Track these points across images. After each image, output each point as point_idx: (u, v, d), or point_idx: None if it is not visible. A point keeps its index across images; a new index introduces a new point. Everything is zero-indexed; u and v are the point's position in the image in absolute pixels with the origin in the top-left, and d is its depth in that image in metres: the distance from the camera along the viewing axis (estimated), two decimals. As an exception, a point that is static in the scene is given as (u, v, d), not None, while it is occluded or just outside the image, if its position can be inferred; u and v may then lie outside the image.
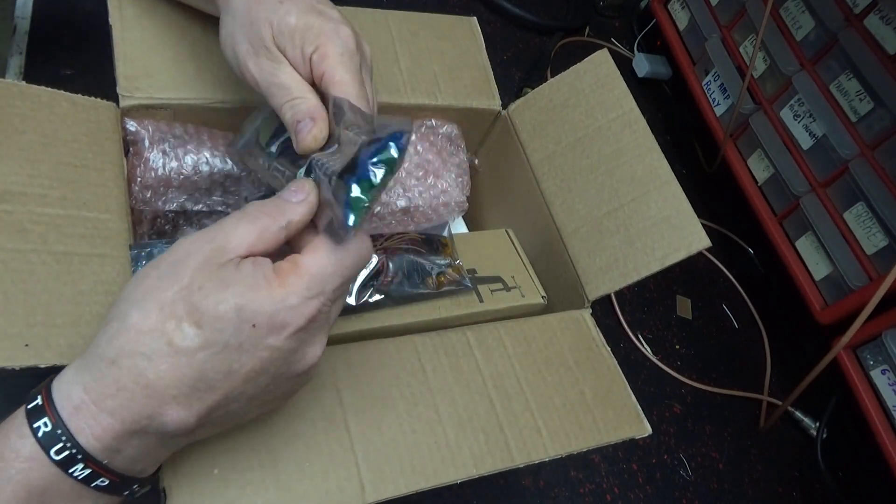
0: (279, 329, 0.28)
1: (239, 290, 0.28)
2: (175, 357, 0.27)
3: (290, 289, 0.28)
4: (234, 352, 0.28)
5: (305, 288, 0.29)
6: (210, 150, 0.46)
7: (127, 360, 0.27)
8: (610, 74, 0.53)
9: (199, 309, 0.27)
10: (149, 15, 0.45)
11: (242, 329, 0.28)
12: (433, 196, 0.55)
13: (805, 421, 0.83)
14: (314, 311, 0.29)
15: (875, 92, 0.76)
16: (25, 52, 0.65)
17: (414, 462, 0.37)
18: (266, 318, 0.28)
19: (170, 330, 0.27)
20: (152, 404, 0.27)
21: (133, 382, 0.27)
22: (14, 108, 0.38)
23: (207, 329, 0.27)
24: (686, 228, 0.47)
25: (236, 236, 0.29)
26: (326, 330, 0.31)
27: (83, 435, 0.27)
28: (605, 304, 0.83)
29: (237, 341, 0.28)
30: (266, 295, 0.28)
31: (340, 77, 0.35)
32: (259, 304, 0.28)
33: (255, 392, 0.29)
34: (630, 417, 0.44)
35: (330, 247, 0.30)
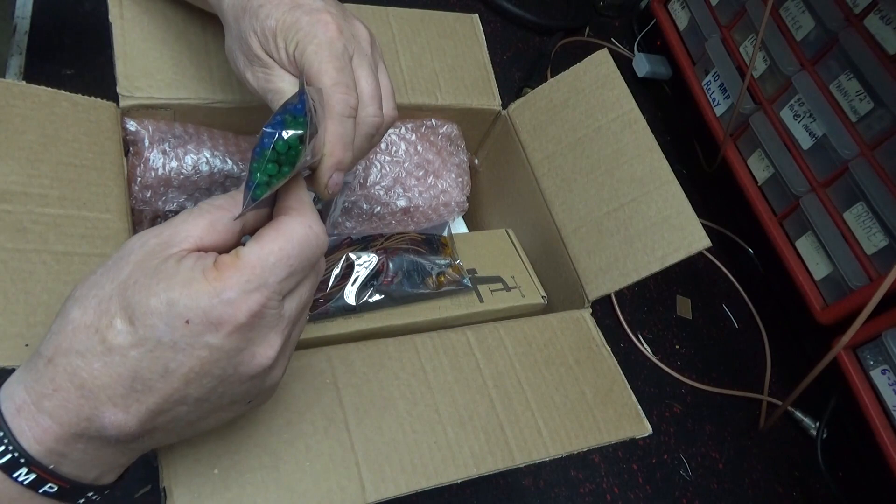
0: (216, 326, 0.26)
1: (172, 283, 0.26)
2: (108, 355, 0.26)
3: (227, 282, 0.26)
4: (169, 350, 0.26)
5: (245, 280, 0.26)
6: (210, 150, 0.46)
7: (62, 358, 0.26)
8: (610, 74, 0.53)
9: (132, 304, 0.26)
10: (149, 15, 0.45)
11: (175, 326, 0.25)
12: (433, 196, 0.55)
13: (805, 421, 0.83)
14: (256, 305, 0.26)
15: (875, 92, 0.76)
16: (25, 52, 0.65)
17: (414, 461, 0.37)
18: (200, 313, 0.26)
19: (103, 326, 0.26)
20: (88, 405, 0.26)
21: (68, 382, 0.26)
22: (14, 108, 0.38)
23: (139, 326, 0.26)
24: (686, 228, 0.47)
25: (184, 229, 0.28)
26: (281, 329, 0.28)
27: (25, 437, 0.26)
28: (605, 304, 0.83)
29: (171, 339, 0.26)
30: (201, 289, 0.26)
31: (317, 67, 0.34)
32: (193, 298, 0.26)
33: (203, 395, 0.27)
34: (630, 417, 0.44)
35: (273, 236, 0.28)
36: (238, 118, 0.47)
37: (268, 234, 0.28)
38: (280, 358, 0.29)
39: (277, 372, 0.30)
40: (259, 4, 0.35)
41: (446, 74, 0.55)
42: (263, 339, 0.28)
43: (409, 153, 0.54)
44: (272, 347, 0.28)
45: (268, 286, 0.27)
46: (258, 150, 0.27)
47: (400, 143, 0.54)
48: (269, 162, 0.27)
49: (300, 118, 0.28)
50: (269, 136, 0.27)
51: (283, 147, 0.27)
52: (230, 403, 0.29)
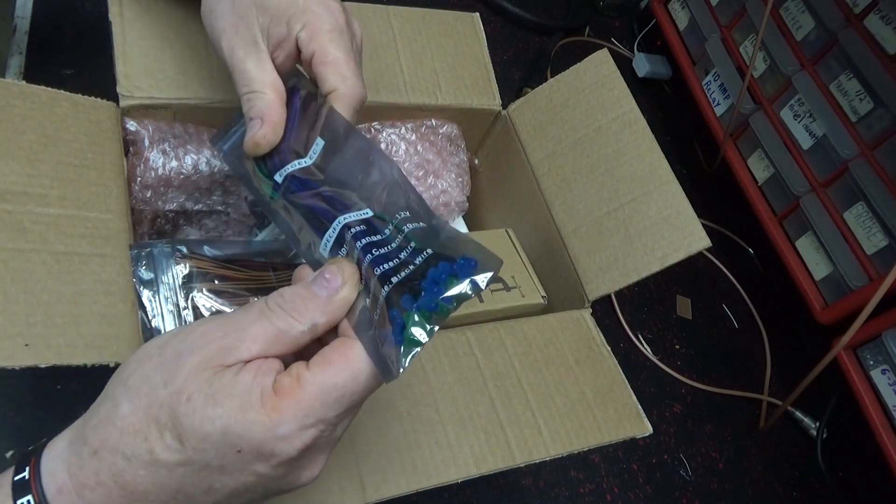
0: (266, 458, 0.25)
1: (228, 409, 0.25)
2: (154, 466, 0.25)
3: (284, 415, 0.25)
4: (217, 472, 0.25)
5: (302, 416, 0.25)
6: (210, 149, 0.46)
7: (108, 455, 0.25)
8: (610, 74, 0.53)
9: (183, 424, 0.25)
10: (149, 14, 0.45)
11: (226, 453, 0.25)
12: (433, 196, 0.55)
13: (805, 421, 0.83)
14: (310, 440, 0.25)
15: (875, 92, 0.76)
16: (25, 52, 0.65)
17: (415, 461, 0.37)
18: (254, 445, 0.25)
19: (153, 437, 0.25)
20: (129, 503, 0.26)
21: (111, 480, 0.25)
22: (14, 108, 0.38)
23: (189, 447, 0.25)
24: (686, 228, 0.47)
25: (248, 337, 0.26)
26: (328, 451, 0.28)
27: None
28: (605, 304, 0.83)
29: (219, 463, 0.25)
30: (256, 420, 0.25)
31: (333, 56, 0.33)
32: (246, 428, 0.25)
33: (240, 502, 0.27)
34: (631, 417, 0.44)
35: (339, 366, 0.26)
36: (238, 118, 0.47)
37: (334, 360, 0.26)
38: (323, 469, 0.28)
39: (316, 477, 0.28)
40: None
41: (446, 74, 0.55)
42: (310, 464, 0.27)
43: (409, 153, 0.54)
44: (318, 467, 0.27)
45: (325, 421, 0.26)
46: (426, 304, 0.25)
47: (400, 143, 0.54)
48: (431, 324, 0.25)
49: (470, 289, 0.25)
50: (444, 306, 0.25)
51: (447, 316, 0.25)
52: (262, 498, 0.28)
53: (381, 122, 0.54)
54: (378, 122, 0.53)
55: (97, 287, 0.36)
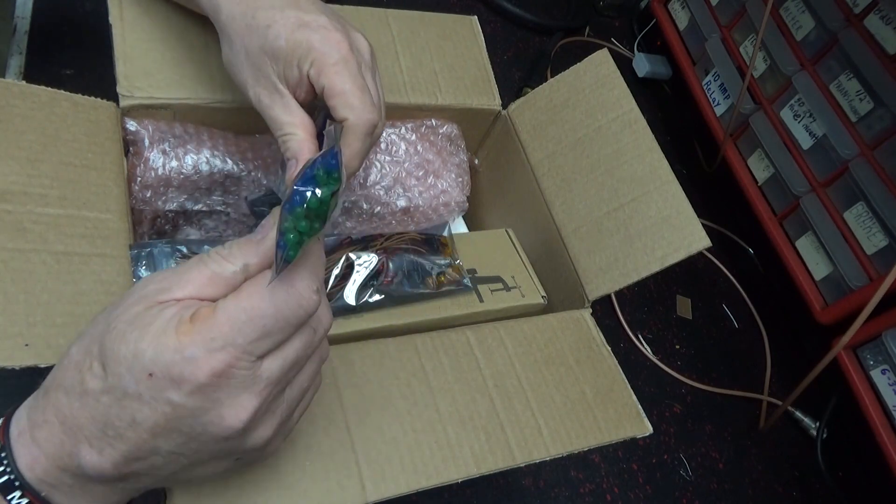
0: (177, 383, 0.25)
1: (144, 333, 0.25)
2: (85, 397, 0.26)
3: (193, 338, 0.25)
4: (135, 401, 0.25)
5: (210, 339, 0.25)
6: (210, 149, 0.46)
7: (54, 392, 0.27)
8: (610, 74, 0.53)
9: (106, 350, 0.26)
10: (149, 15, 0.45)
11: (140, 378, 0.25)
12: (433, 196, 0.55)
13: (805, 421, 0.83)
14: (221, 365, 0.25)
15: (875, 92, 0.76)
16: (25, 52, 0.65)
17: (415, 461, 0.37)
18: (163, 368, 0.25)
19: (84, 368, 0.26)
20: (69, 441, 0.26)
21: (54, 416, 0.26)
22: (14, 108, 0.38)
23: (109, 373, 0.26)
24: (686, 228, 0.47)
25: (183, 279, 0.27)
26: (256, 391, 0.27)
27: (21, 463, 0.27)
28: (605, 304, 0.83)
29: (136, 390, 0.25)
30: (167, 343, 0.25)
31: (340, 88, 0.34)
32: (158, 352, 0.25)
33: (174, 448, 0.27)
34: (631, 417, 0.44)
35: (249, 291, 0.26)
36: (238, 118, 0.47)
37: (247, 288, 0.27)
38: (259, 421, 0.28)
39: (261, 433, 0.28)
40: (266, 25, 0.36)
41: (446, 74, 0.55)
42: (233, 401, 0.26)
43: (409, 153, 0.54)
44: (244, 409, 0.26)
45: (235, 346, 0.25)
46: (288, 207, 0.26)
47: (400, 143, 0.54)
48: (303, 219, 0.26)
49: (334, 173, 0.27)
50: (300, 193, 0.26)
51: (316, 204, 0.26)
52: (212, 459, 0.28)
53: (381, 122, 0.54)
54: (378, 122, 0.53)
55: (97, 287, 0.36)
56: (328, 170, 0.27)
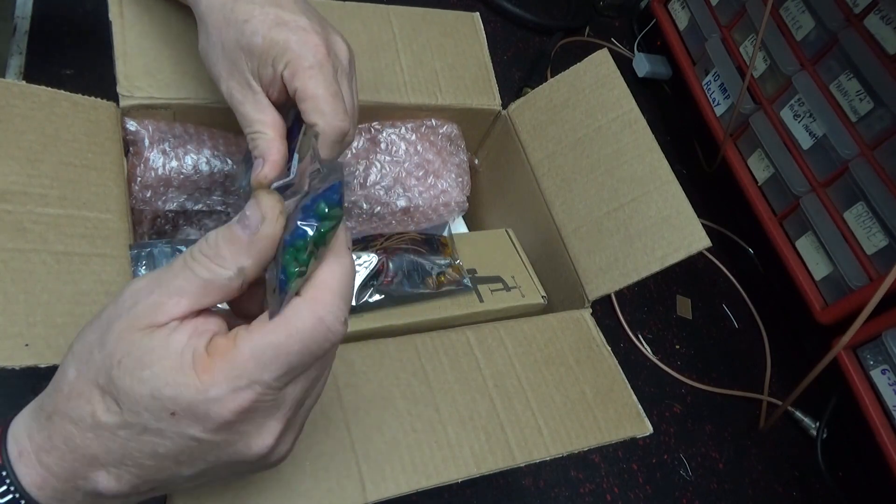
0: (201, 421, 0.24)
1: (158, 371, 0.24)
2: (98, 430, 0.25)
3: (216, 377, 0.24)
4: (156, 436, 0.25)
5: (235, 377, 0.24)
6: (210, 149, 0.46)
7: (59, 419, 0.26)
8: (610, 74, 0.53)
9: (118, 387, 0.24)
10: (149, 14, 0.45)
11: (161, 416, 0.24)
12: (433, 196, 0.55)
13: (805, 421, 0.83)
14: (246, 403, 0.24)
15: (875, 92, 0.76)
16: (25, 52, 0.65)
17: (415, 461, 0.37)
18: (185, 408, 0.24)
19: (94, 400, 0.25)
20: (82, 468, 0.25)
21: (63, 444, 0.25)
22: (14, 108, 0.38)
23: (125, 410, 0.24)
24: (686, 228, 0.47)
25: (174, 291, 0.25)
26: (280, 416, 0.26)
27: (27, 481, 0.26)
28: (605, 304, 0.83)
29: (157, 426, 0.24)
30: (186, 382, 0.24)
31: (311, 93, 0.34)
32: (177, 391, 0.24)
33: (195, 472, 0.26)
34: (631, 416, 0.44)
35: (276, 326, 0.25)
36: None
37: (271, 324, 0.25)
38: (282, 439, 0.27)
39: (282, 449, 0.28)
40: (244, 20, 0.35)
41: (446, 74, 0.55)
42: (258, 430, 0.26)
43: (409, 153, 0.54)
44: (270, 435, 0.26)
45: (261, 383, 0.25)
46: (290, 240, 0.25)
47: (400, 143, 0.54)
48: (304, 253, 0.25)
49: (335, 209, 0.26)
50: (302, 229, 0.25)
51: (319, 239, 0.25)
52: (231, 474, 0.28)
53: (381, 122, 0.54)
54: (378, 122, 0.53)
55: (97, 287, 0.36)
56: (330, 204, 0.26)
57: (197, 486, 0.30)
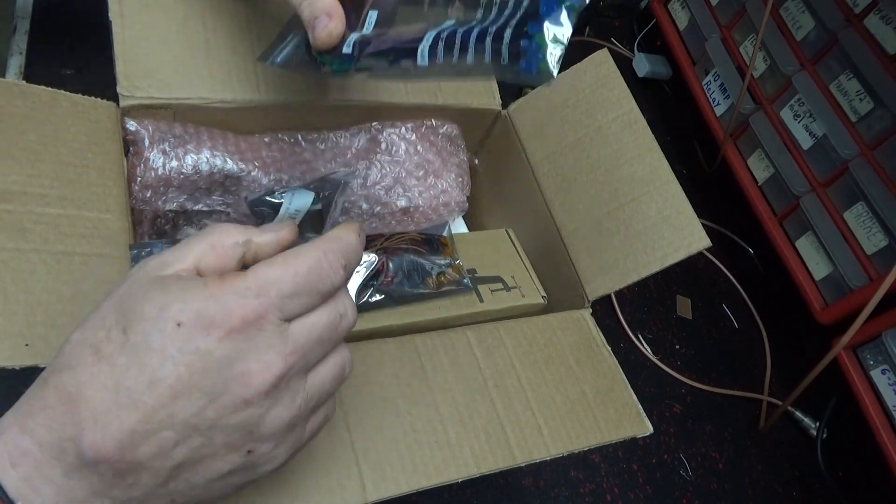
0: (207, 328, 0.25)
1: (168, 290, 0.25)
2: (97, 365, 0.25)
3: (223, 289, 0.25)
4: (157, 355, 0.24)
5: (244, 287, 0.25)
6: (210, 149, 0.46)
7: (55, 376, 0.25)
8: (610, 74, 0.53)
9: (126, 313, 0.25)
10: (149, 14, 0.45)
11: (166, 329, 0.24)
12: (433, 196, 0.55)
13: (805, 421, 0.83)
14: (252, 312, 0.25)
15: (875, 92, 0.76)
16: (25, 52, 0.65)
17: (415, 461, 0.37)
18: (193, 314, 0.25)
19: (98, 339, 0.25)
20: (71, 422, 0.24)
21: (55, 398, 0.25)
22: (14, 108, 0.38)
23: (131, 333, 0.25)
24: (686, 228, 0.47)
25: (184, 251, 0.27)
26: (282, 353, 0.26)
27: (1, 464, 0.24)
28: (606, 304, 0.83)
29: (160, 343, 0.24)
30: (197, 293, 0.25)
31: None
32: (187, 301, 0.25)
33: (190, 417, 0.25)
34: (631, 416, 0.44)
35: (284, 255, 0.27)
36: (238, 118, 0.47)
37: (280, 255, 0.27)
38: (281, 395, 0.26)
39: (279, 413, 0.27)
40: None
41: (446, 74, 0.55)
42: (259, 358, 0.26)
43: (409, 153, 0.54)
44: (269, 370, 0.26)
45: (268, 296, 0.25)
46: None
47: (400, 143, 0.54)
48: None
49: None
50: None
51: None
52: (225, 446, 0.26)
53: (381, 121, 0.54)
54: (378, 122, 0.53)
55: (97, 287, 0.36)
56: None
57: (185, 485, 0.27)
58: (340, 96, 0.50)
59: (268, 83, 0.47)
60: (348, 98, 0.50)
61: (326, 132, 0.52)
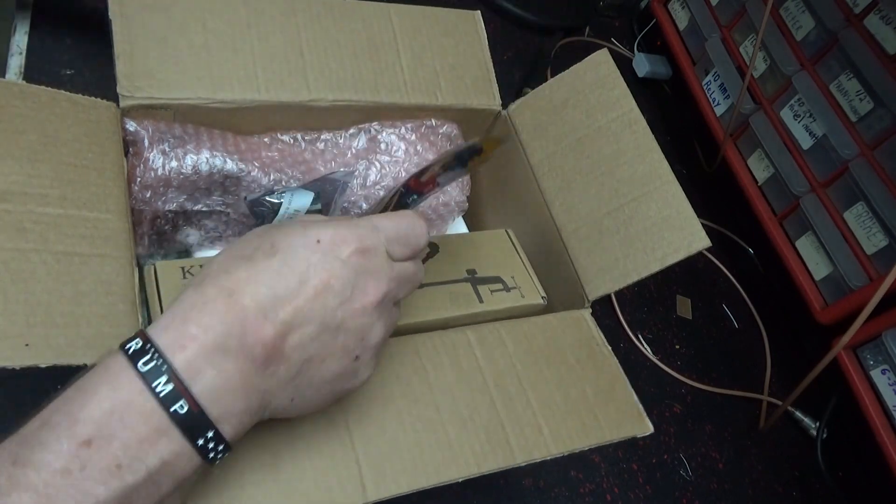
0: (341, 244, 0.31)
1: (307, 221, 0.32)
2: (253, 268, 0.30)
3: (349, 225, 0.32)
4: (304, 262, 0.30)
5: (362, 225, 0.32)
6: (210, 150, 0.46)
7: (211, 279, 0.30)
8: (610, 74, 0.53)
9: (272, 234, 0.31)
10: (149, 14, 0.45)
11: (309, 244, 0.31)
12: (433, 196, 0.55)
13: (805, 421, 0.83)
14: (371, 242, 0.32)
15: (875, 92, 0.76)
16: (25, 52, 0.65)
17: (415, 460, 0.37)
18: (330, 234, 0.31)
19: (249, 252, 0.30)
20: (233, 311, 0.28)
21: (216, 293, 0.29)
22: (14, 108, 0.38)
23: (280, 246, 0.30)
24: (686, 228, 0.47)
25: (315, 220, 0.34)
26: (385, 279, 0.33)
27: (170, 349, 0.28)
28: (606, 304, 0.83)
29: (305, 254, 0.30)
30: (329, 225, 0.32)
31: None
32: (324, 228, 0.31)
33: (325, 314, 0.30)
34: (632, 416, 0.44)
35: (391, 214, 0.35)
36: (238, 118, 0.47)
37: (388, 212, 0.35)
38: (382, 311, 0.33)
39: (379, 330, 0.33)
40: None
41: (447, 73, 0.55)
42: (372, 278, 0.32)
43: (408, 153, 0.54)
44: (379, 287, 0.32)
45: (378, 234, 0.33)
46: None
47: (400, 144, 0.54)
48: None
49: None
50: None
51: None
52: (342, 348, 0.32)
53: (381, 122, 0.54)
54: (378, 123, 0.53)
55: (97, 287, 0.36)
56: None
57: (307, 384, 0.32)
58: (340, 96, 0.50)
59: (268, 83, 0.47)
60: (348, 98, 0.50)
61: (326, 132, 0.52)
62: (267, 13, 0.48)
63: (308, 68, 0.49)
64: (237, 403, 0.29)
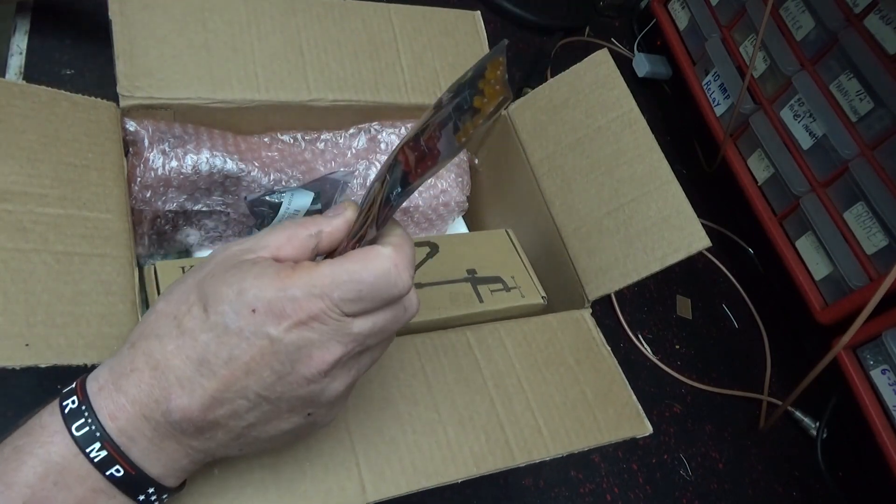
0: (277, 317, 0.27)
1: (245, 276, 0.28)
2: (181, 338, 0.28)
3: (295, 282, 0.28)
4: (235, 336, 0.28)
5: (311, 286, 0.28)
6: (210, 150, 0.46)
7: (143, 342, 0.29)
8: (610, 74, 0.53)
9: (207, 293, 0.28)
10: (149, 14, 0.45)
11: (242, 313, 0.27)
12: (433, 196, 0.55)
13: (805, 421, 0.83)
14: (316, 309, 0.27)
15: (875, 92, 0.75)
16: (25, 52, 0.65)
17: (415, 461, 0.37)
18: (265, 304, 0.27)
19: (181, 314, 0.28)
20: (159, 386, 0.28)
21: (144, 363, 0.28)
22: (14, 108, 0.38)
23: (211, 312, 0.28)
24: (686, 228, 0.47)
25: (264, 239, 0.30)
26: (343, 342, 0.29)
27: (102, 413, 0.28)
28: (605, 304, 0.83)
29: (237, 326, 0.27)
30: (270, 283, 0.28)
31: None
32: (261, 290, 0.28)
33: (261, 389, 0.28)
34: (631, 416, 0.44)
35: (355, 258, 0.29)
36: (238, 118, 0.47)
37: (353, 255, 0.29)
38: (339, 372, 0.30)
39: (337, 386, 0.30)
40: None
41: (447, 73, 0.55)
42: (322, 345, 0.28)
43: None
44: (330, 354, 0.29)
45: (331, 298, 0.28)
46: None
47: (400, 143, 0.54)
48: None
49: None
50: None
51: None
52: (289, 411, 0.30)
53: (382, 122, 0.54)
54: (378, 123, 0.53)
55: (97, 287, 0.36)
56: None
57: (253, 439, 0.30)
58: (340, 96, 0.50)
59: (268, 83, 0.47)
60: (348, 98, 0.50)
61: (326, 132, 0.52)
62: (267, 13, 0.48)
63: (308, 68, 0.49)
64: (179, 461, 0.30)
